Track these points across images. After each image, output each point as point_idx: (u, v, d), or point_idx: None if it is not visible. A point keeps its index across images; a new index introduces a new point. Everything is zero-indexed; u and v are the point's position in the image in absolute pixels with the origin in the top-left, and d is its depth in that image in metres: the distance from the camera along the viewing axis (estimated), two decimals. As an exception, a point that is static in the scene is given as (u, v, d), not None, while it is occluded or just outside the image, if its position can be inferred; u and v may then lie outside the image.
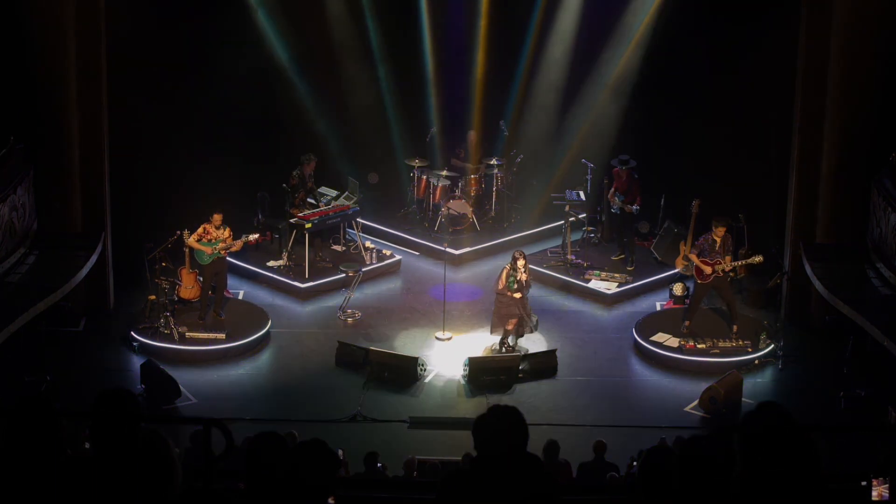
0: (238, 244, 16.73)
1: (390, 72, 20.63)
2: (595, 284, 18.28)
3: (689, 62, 19.60)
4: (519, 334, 16.39)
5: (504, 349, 16.29)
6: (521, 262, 16.03)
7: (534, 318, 16.48)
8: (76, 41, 16.49)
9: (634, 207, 18.33)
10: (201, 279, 16.90)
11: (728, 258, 16.16)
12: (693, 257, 16.41)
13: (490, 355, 16.14)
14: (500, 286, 16.12)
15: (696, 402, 15.15)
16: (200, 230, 16.48)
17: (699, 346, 16.26)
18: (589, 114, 20.46)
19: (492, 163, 19.93)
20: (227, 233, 16.56)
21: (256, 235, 17.49)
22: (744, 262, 16.50)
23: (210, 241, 16.48)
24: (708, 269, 16.22)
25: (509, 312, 16.15)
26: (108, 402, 4.84)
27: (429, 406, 15.28)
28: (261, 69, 19.90)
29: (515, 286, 15.97)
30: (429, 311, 17.61)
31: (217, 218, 16.47)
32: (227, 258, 16.96)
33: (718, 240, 16.18)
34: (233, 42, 19.58)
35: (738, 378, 15.30)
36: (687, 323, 16.63)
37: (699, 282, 16.45)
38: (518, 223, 20.20)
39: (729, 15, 18.90)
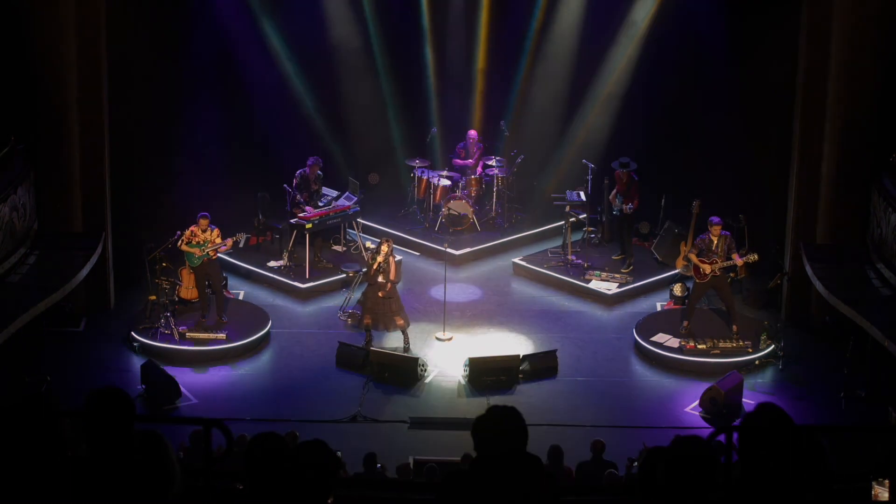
0: (228, 243, 16.68)
1: (391, 72, 20.64)
2: (595, 285, 18.28)
3: (690, 63, 19.63)
4: (381, 328, 16.41)
5: (365, 345, 16.26)
6: (383, 248, 16.14)
7: (399, 320, 16.34)
8: (76, 41, 16.50)
9: (629, 206, 18.33)
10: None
11: (735, 255, 16.16)
12: (692, 257, 16.42)
13: (490, 355, 16.12)
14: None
15: (696, 403, 15.16)
16: (188, 233, 16.44)
17: (699, 346, 16.25)
18: (589, 114, 20.48)
19: (492, 163, 19.95)
20: (215, 234, 16.52)
21: (243, 235, 17.42)
22: (742, 261, 16.46)
23: (198, 243, 16.44)
24: (706, 268, 16.23)
25: (370, 306, 16.23)
26: (99, 401, 4.84)
27: (429, 406, 15.28)
28: (262, 70, 19.92)
29: (375, 267, 16.03)
30: (429, 311, 17.62)
31: (203, 222, 16.42)
32: (227, 259, 16.96)
33: (715, 239, 16.19)
34: (234, 42, 19.62)
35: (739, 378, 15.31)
36: (685, 323, 16.63)
37: (697, 281, 16.46)
38: (518, 223, 20.21)
39: (729, 16, 18.92)
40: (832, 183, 16.89)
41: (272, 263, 18.72)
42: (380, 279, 16.14)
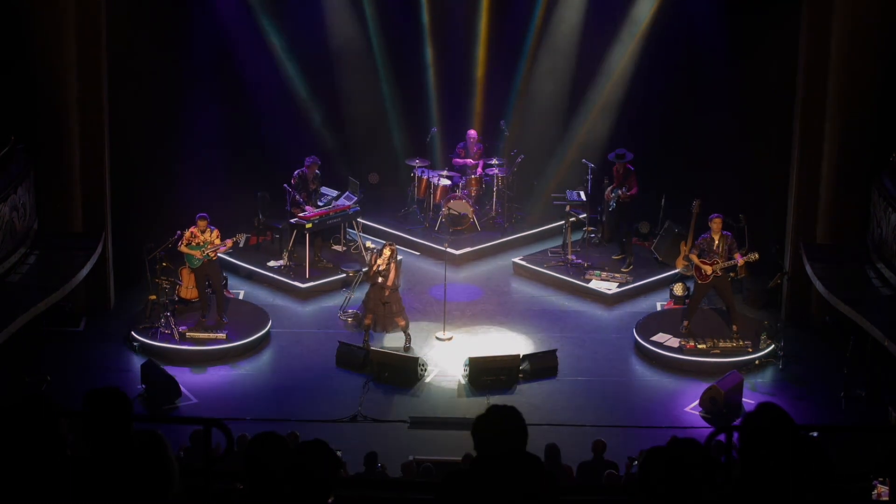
0: (228, 243, 16.70)
1: (391, 72, 20.64)
2: (595, 284, 18.28)
3: (691, 63, 19.63)
4: (380, 329, 16.40)
5: (364, 345, 16.24)
6: (386, 252, 16.10)
7: (402, 322, 16.33)
8: (76, 41, 16.49)
9: (624, 189, 18.33)
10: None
11: (737, 255, 16.15)
12: (693, 257, 16.42)
13: (490, 355, 16.12)
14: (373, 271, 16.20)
15: (696, 402, 15.15)
16: (188, 234, 16.46)
17: (699, 346, 16.25)
18: (589, 114, 20.48)
19: (492, 162, 19.95)
20: (214, 235, 16.54)
21: (243, 236, 17.37)
22: (743, 260, 16.46)
23: (198, 244, 16.46)
24: (708, 269, 16.23)
25: (372, 307, 16.19)
26: (97, 401, 4.83)
27: (429, 406, 15.28)
28: (262, 70, 19.92)
29: (375, 269, 16.03)
30: (429, 311, 17.61)
31: (201, 223, 16.43)
32: (227, 259, 16.93)
33: (717, 237, 16.19)
34: (234, 42, 19.62)
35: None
36: (686, 323, 16.63)
37: (699, 282, 16.46)
38: (518, 223, 20.21)
39: (729, 16, 18.92)
40: (832, 183, 16.88)
41: (272, 263, 18.72)
42: (379, 280, 16.14)
